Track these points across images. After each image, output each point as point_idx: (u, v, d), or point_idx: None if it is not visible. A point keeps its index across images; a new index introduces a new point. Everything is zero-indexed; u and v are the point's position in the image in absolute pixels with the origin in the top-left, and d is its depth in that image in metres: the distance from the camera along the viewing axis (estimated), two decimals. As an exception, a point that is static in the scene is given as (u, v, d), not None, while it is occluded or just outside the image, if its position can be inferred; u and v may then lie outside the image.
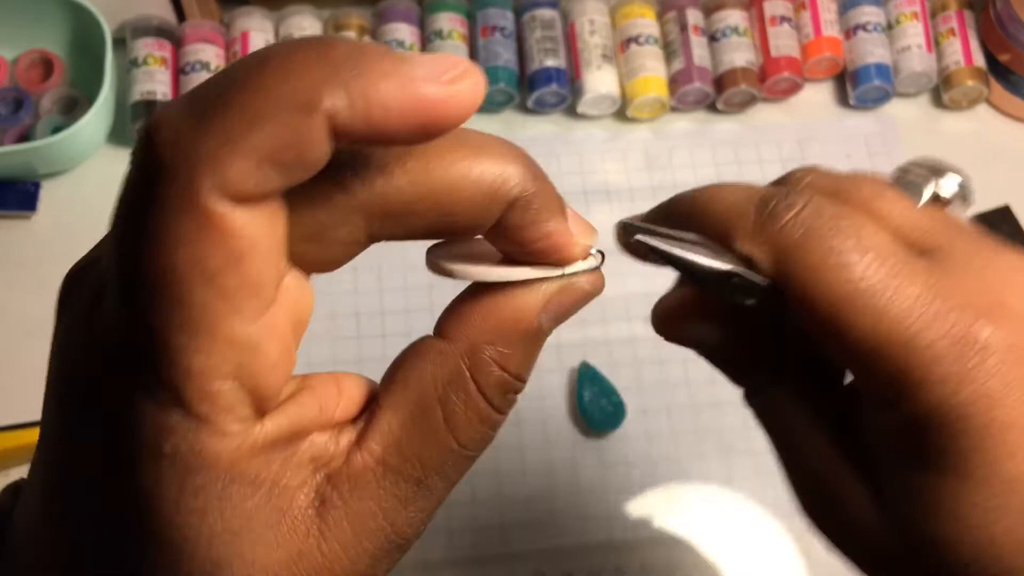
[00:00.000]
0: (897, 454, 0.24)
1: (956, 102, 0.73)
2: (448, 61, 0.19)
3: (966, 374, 0.22)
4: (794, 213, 0.24)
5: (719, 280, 0.25)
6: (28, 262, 0.65)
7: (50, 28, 0.68)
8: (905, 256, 0.24)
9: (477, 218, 0.21)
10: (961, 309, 0.23)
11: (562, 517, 0.59)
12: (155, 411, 0.19)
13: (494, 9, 0.70)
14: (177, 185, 0.18)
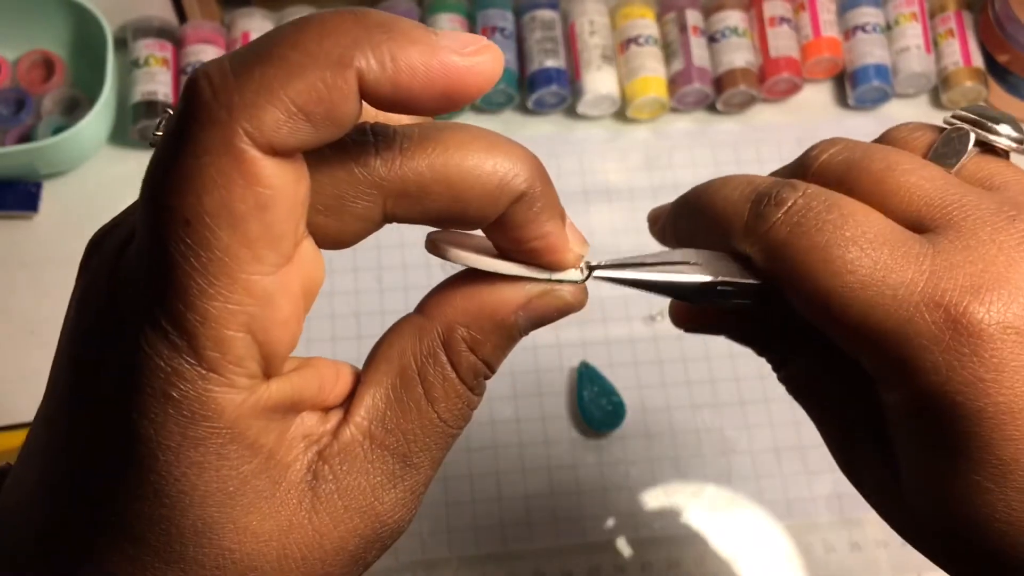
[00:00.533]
0: (906, 435, 0.24)
1: (955, 103, 0.73)
2: (470, 37, 0.20)
3: (957, 360, 0.22)
4: (783, 211, 0.24)
5: (702, 292, 0.25)
6: (29, 262, 0.65)
7: (51, 29, 0.68)
8: (898, 240, 0.23)
9: (485, 208, 0.22)
10: (955, 290, 0.22)
11: (562, 516, 0.59)
12: (168, 354, 0.19)
13: (494, 10, 0.71)
14: (215, 127, 0.19)
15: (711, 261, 0.26)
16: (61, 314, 0.24)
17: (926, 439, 0.24)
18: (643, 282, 0.25)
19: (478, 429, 0.61)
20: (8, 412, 0.58)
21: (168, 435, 0.20)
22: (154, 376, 0.19)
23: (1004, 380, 0.22)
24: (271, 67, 0.19)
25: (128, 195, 0.74)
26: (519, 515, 0.59)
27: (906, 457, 0.25)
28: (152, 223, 0.19)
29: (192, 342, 0.19)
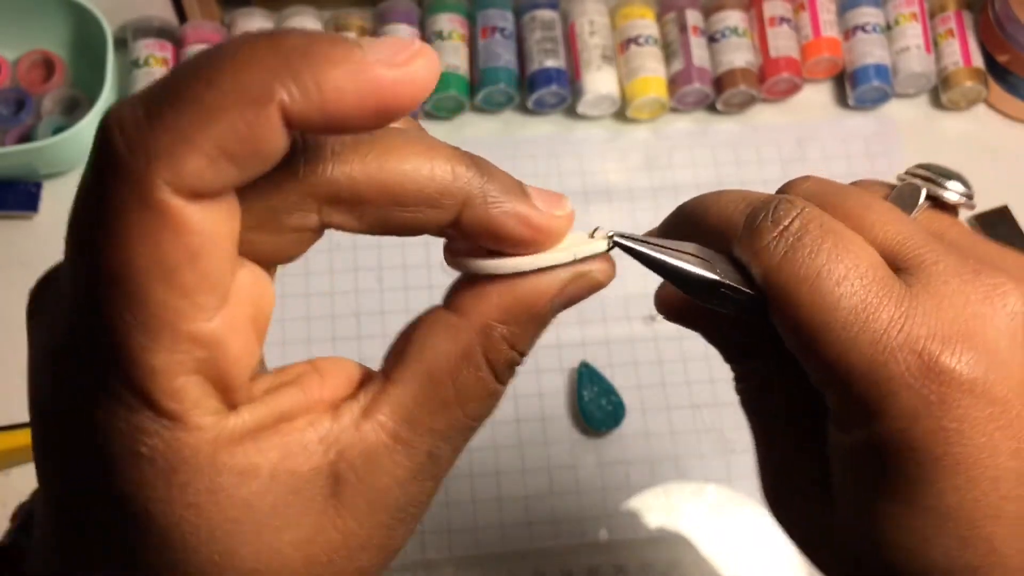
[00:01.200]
0: (850, 470, 0.25)
1: (955, 103, 0.73)
2: (400, 43, 0.19)
3: (925, 408, 0.22)
4: (780, 230, 0.24)
5: (707, 288, 0.25)
6: (30, 262, 0.65)
7: (51, 29, 0.68)
8: (883, 279, 0.23)
9: (430, 214, 0.21)
10: (929, 338, 0.22)
11: (562, 516, 0.59)
12: (126, 414, 0.19)
13: (494, 10, 0.71)
14: (132, 182, 0.18)
15: (717, 260, 0.26)
16: (61, 314, 0.24)
17: (874, 480, 0.24)
18: (658, 262, 0.25)
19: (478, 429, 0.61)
20: (8, 412, 0.58)
21: (152, 489, 0.20)
22: (120, 438, 0.19)
23: (965, 431, 0.22)
24: (186, 110, 0.18)
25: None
26: (519, 515, 0.59)
27: (848, 495, 0.25)
28: (82, 285, 0.19)
29: (146, 398, 0.19)
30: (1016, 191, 0.69)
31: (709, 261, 0.25)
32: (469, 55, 0.70)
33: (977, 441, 0.22)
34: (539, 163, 0.69)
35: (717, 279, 0.25)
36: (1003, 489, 0.22)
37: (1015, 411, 0.22)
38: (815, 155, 0.71)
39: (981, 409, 0.22)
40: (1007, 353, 0.23)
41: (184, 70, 0.18)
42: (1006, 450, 0.22)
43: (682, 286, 0.25)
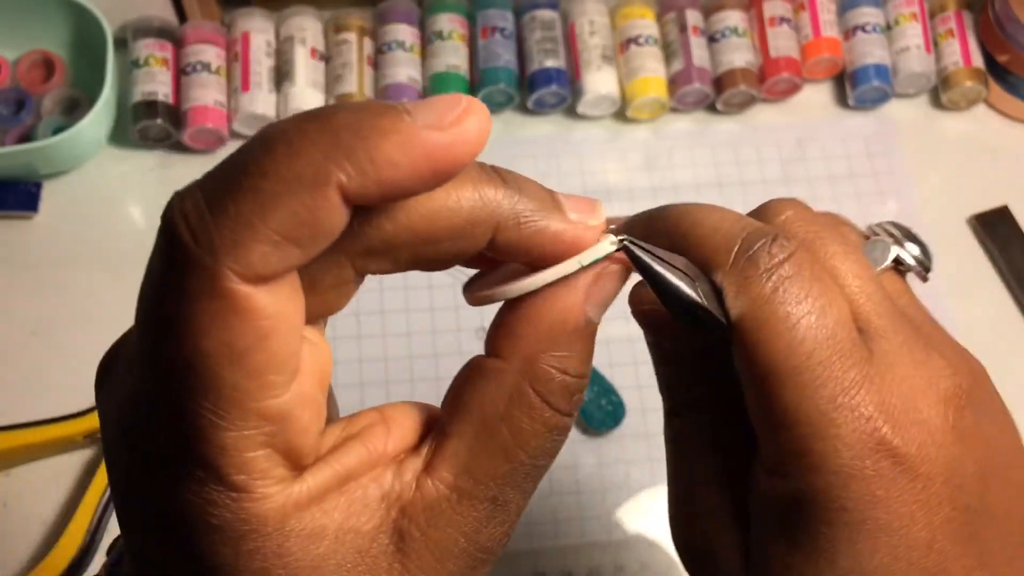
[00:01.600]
0: (772, 522, 0.25)
1: (955, 103, 0.73)
2: (447, 103, 0.19)
3: (859, 472, 0.23)
4: (774, 264, 0.24)
5: (685, 307, 0.25)
6: (30, 262, 0.65)
7: (51, 29, 0.68)
8: (854, 340, 0.24)
9: (463, 244, 0.22)
10: (876, 407, 0.23)
11: (562, 516, 0.59)
12: (197, 488, 0.20)
13: (494, 10, 0.71)
14: (201, 273, 0.18)
15: (699, 280, 0.25)
16: (61, 314, 0.24)
17: (795, 533, 0.24)
18: (654, 273, 0.25)
19: (478, 429, 0.61)
20: (9, 412, 0.59)
21: (222, 556, 0.20)
22: (191, 509, 0.20)
23: (891, 500, 0.23)
24: (246, 201, 0.18)
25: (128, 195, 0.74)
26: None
27: (765, 543, 0.25)
28: (154, 368, 0.20)
29: (215, 473, 0.20)
30: (1016, 191, 0.69)
31: (694, 280, 0.25)
32: (469, 55, 0.70)
33: (899, 511, 0.23)
34: (539, 163, 0.69)
35: (698, 301, 0.25)
36: (913, 556, 0.24)
37: (934, 489, 0.24)
38: (815, 155, 0.71)
39: (907, 483, 0.23)
40: (939, 435, 0.24)
41: (240, 159, 0.19)
42: (921, 521, 0.23)
43: (662, 297, 0.25)
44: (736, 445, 0.27)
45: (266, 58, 0.69)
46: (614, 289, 0.25)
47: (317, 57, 0.69)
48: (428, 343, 0.63)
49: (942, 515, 0.24)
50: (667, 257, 0.25)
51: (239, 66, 0.68)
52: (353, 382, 0.62)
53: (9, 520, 0.58)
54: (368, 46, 0.70)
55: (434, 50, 0.70)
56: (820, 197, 0.69)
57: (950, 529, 0.24)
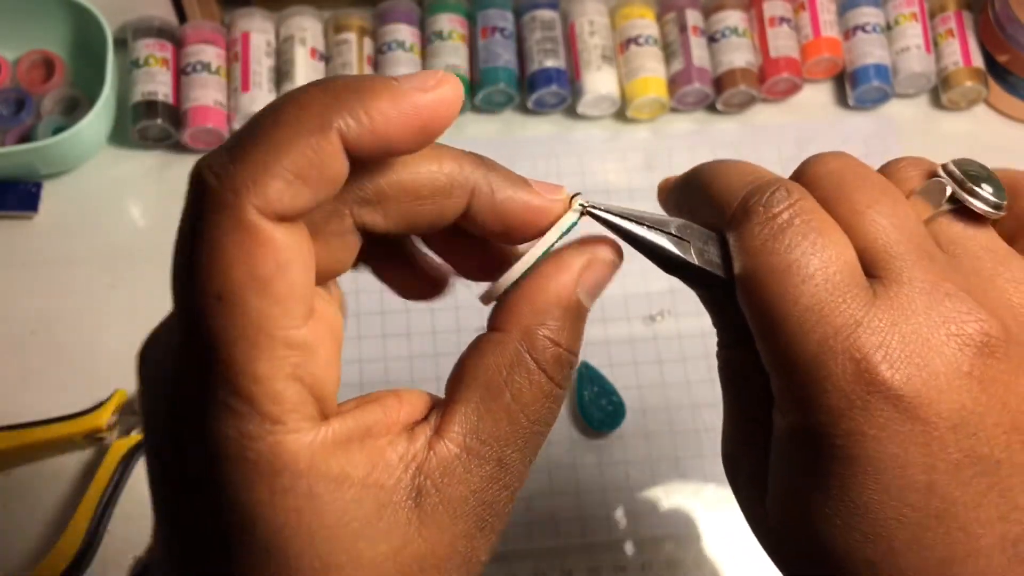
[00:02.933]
0: (782, 453, 0.26)
1: (955, 103, 0.73)
2: (427, 73, 0.23)
3: (850, 410, 0.24)
4: (770, 215, 0.25)
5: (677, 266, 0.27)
6: (30, 262, 0.65)
7: (51, 29, 0.68)
8: (849, 284, 0.25)
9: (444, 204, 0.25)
10: (873, 349, 0.24)
11: (562, 516, 0.60)
12: (235, 421, 0.22)
13: (494, 10, 0.71)
14: (227, 209, 0.21)
15: (699, 238, 0.27)
16: (61, 314, 0.25)
17: (798, 466, 0.26)
18: (629, 233, 0.26)
19: (478, 429, 0.61)
20: (9, 412, 0.59)
21: (258, 492, 0.22)
22: (229, 447, 0.22)
23: (882, 439, 0.24)
24: (263, 146, 0.21)
25: (128, 195, 0.74)
26: (519, 515, 0.59)
27: (776, 476, 0.27)
28: (188, 307, 0.22)
29: (252, 404, 0.21)
30: (1016, 191, 0.69)
31: (687, 240, 0.26)
32: (469, 55, 0.70)
33: (891, 451, 0.24)
34: (539, 163, 0.69)
35: (682, 258, 0.26)
36: (909, 498, 0.24)
37: (936, 434, 0.24)
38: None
39: (902, 424, 0.24)
40: (944, 380, 0.24)
41: (256, 118, 0.22)
42: (919, 464, 0.24)
43: (656, 259, 0.27)
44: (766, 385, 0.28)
45: (266, 58, 0.69)
46: (604, 276, 0.27)
47: (317, 57, 0.69)
48: (428, 343, 0.63)
49: (948, 461, 0.24)
50: (657, 223, 0.27)
51: (239, 66, 0.68)
52: (353, 382, 0.62)
53: (9, 520, 0.58)
54: (368, 46, 0.70)
55: (434, 50, 0.70)
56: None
57: (959, 477, 0.24)
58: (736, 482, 0.30)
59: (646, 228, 0.26)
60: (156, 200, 0.67)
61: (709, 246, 0.27)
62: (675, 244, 0.26)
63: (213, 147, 0.75)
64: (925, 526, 0.24)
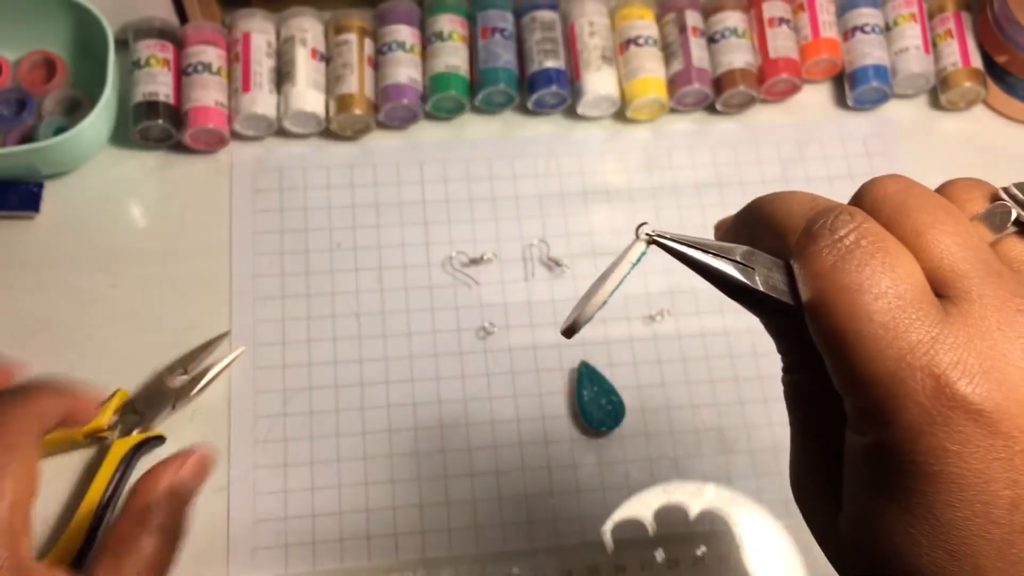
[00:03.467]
0: (859, 471, 0.26)
1: (954, 103, 0.73)
2: None
3: (930, 426, 0.24)
4: (834, 239, 0.26)
5: (742, 293, 0.27)
6: (31, 262, 0.65)
7: (52, 29, 0.68)
8: (921, 301, 0.25)
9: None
10: (951, 366, 0.24)
11: (561, 516, 0.60)
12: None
13: (494, 11, 0.71)
14: None
15: (764, 265, 0.27)
16: (62, 314, 0.24)
17: (878, 483, 0.25)
18: (696, 261, 0.27)
19: (478, 429, 0.61)
20: (9, 412, 0.59)
21: None
22: None
23: (964, 455, 0.24)
24: None
25: (129, 195, 0.75)
26: (518, 514, 0.60)
27: (854, 494, 0.27)
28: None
29: None
30: (1015, 191, 0.70)
31: (752, 267, 0.27)
32: (469, 55, 0.70)
33: (974, 467, 0.24)
34: (539, 163, 0.70)
35: (748, 285, 0.26)
36: (994, 515, 0.24)
37: (1019, 448, 0.24)
38: (814, 155, 0.71)
39: (984, 439, 0.24)
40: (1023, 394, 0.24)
41: None
42: (1002, 479, 0.24)
43: (721, 287, 0.27)
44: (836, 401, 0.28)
45: (267, 58, 0.69)
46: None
47: (318, 57, 0.70)
48: (428, 343, 0.63)
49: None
50: (716, 249, 0.27)
51: (240, 67, 0.68)
52: (353, 382, 0.62)
53: (10, 519, 0.58)
54: (368, 46, 0.70)
55: (434, 50, 0.70)
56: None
57: None
58: (805, 502, 0.30)
59: (712, 256, 0.27)
60: (157, 200, 0.67)
61: (774, 273, 0.27)
62: (741, 271, 0.27)
63: (213, 147, 0.75)
64: (1010, 542, 0.24)
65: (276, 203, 0.68)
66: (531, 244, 0.67)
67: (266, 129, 0.69)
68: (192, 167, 0.69)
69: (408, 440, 0.61)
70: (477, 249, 0.66)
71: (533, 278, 0.66)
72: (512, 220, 0.67)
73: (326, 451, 0.61)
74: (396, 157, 0.70)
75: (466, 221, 0.67)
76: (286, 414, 0.61)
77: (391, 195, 0.68)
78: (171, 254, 0.65)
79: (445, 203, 0.68)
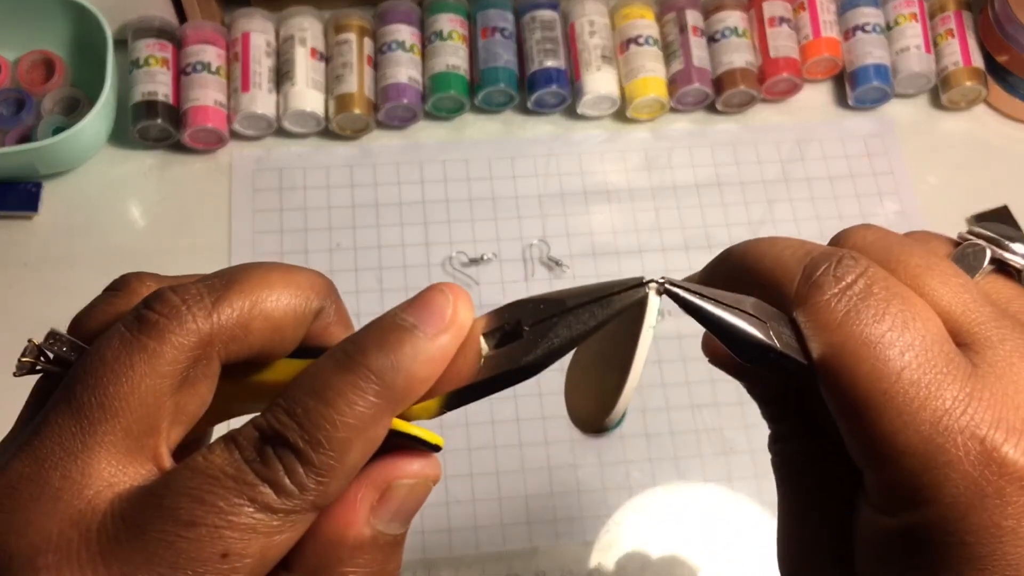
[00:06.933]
0: (883, 556, 0.23)
1: (954, 103, 0.73)
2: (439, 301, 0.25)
3: (980, 500, 0.21)
4: (842, 287, 0.23)
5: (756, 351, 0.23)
6: (30, 262, 0.65)
7: (52, 29, 0.68)
8: (949, 353, 0.22)
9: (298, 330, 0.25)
10: (991, 426, 0.21)
11: (562, 516, 0.60)
12: None
13: (494, 10, 0.71)
14: None
15: (773, 319, 0.24)
16: (62, 314, 0.24)
17: (910, 572, 0.22)
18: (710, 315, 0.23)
19: (478, 429, 0.61)
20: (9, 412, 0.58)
21: None
22: None
23: (1021, 531, 0.21)
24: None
25: (128, 195, 0.74)
26: (519, 514, 0.59)
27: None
28: None
29: None
30: (1016, 191, 0.69)
31: (764, 321, 0.23)
32: (469, 55, 0.70)
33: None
34: (539, 163, 0.69)
35: (770, 344, 0.23)
36: None
37: None
38: (815, 155, 0.71)
39: None
40: None
41: None
42: None
43: (730, 344, 0.24)
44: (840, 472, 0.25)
45: (266, 58, 0.69)
46: (412, 498, 0.24)
47: (317, 57, 0.69)
48: (428, 343, 0.63)
49: None
50: (729, 299, 0.24)
51: (239, 66, 0.68)
52: (353, 382, 0.62)
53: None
54: (368, 46, 0.70)
55: (434, 50, 0.70)
56: (820, 197, 0.69)
57: None
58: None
59: (726, 309, 0.23)
60: (156, 200, 0.67)
61: (784, 328, 0.23)
62: (758, 328, 0.23)
63: (212, 147, 0.75)
64: None
65: (276, 203, 0.67)
66: (531, 244, 0.67)
67: (265, 129, 0.69)
68: (191, 167, 0.69)
69: (408, 440, 0.61)
70: (477, 249, 0.66)
71: (533, 278, 0.66)
72: (512, 220, 0.67)
73: (326, 451, 0.60)
74: (396, 157, 0.70)
75: (466, 221, 0.67)
76: (285, 414, 0.61)
77: (391, 195, 0.68)
78: (170, 254, 0.65)
79: (445, 203, 0.68)
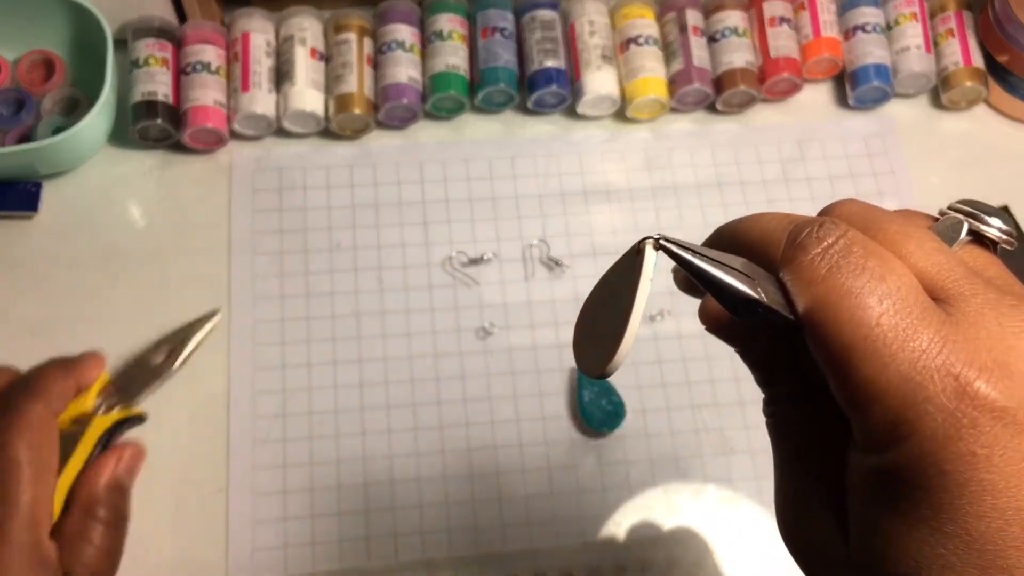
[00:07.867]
0: (872, 495, 0.25)
1: (955, 103, 0.73)
2: None
3: (956, 431, 0.23)
4: (824, 247, 0.25)
5: (746, 306, 0.25)
6: (30, 262, 0.65)
7: (51, 29, 0.68)
8: (923, 303, 0.24)
9: None
10: (965, 364, 0.23)
11: (562, 516, 0.60)
12: None
13: (494, 10, 0.71)
14: None
15: (762, 279, 0.26)
16: (61, 314, 0.24)
17: (895, 504, 0.24)
18: (702, 272, 0.25)
19: (478, 429, 0.61)
20: (8, 412, 0.58)
21: None
22: None
23: (994, 458, 0.22)
24: None
25: (128, 195, 0.75)
26: (519, 514, 0.59)
27: (865, 520, 0.25)
28: None
29: None
30: (1016, 191, 0.69)
31: (753, 279, 0.25)
32: (469, 55, 0.70)
33: (1005, 470, 0.22)
34: (539, 163, 0.69)
35: (756, 298, 0.25)
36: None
37: None
38: (815, 155, 0.71)
39: (1011, 438, 0.22)
40: None
41: None
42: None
43: (721, 299, 0.26)
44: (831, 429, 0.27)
45: (266, 58, 0.69)
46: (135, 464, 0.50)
47: (317, 57, 0.69)
48: (428, 343, 0.63)
49: None
50: (722, 258, 0.26)
51: (239, 66, 0.68)
52: (353, 382, 0.62)
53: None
54: (368, 46, 0.70)
55: (434, 50, 0.70)
56: (820, 197, 0.69)
57: None
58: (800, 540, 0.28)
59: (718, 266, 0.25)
60: (156, 200, 0.67)
61: (770, 286, 0.26)
62: (747, 284, 0.25)
63: (212, 147, 0.75)
64: None
65: (275, 203, 0.67)
66: (531, 244, 0.67)
67: (265, 129, 0.69)
68: (191, 167, 0.69)
69: (408, 441, 0.61)
70: (477, 249, 0.66)
71: (533, 278, 0.66)
72: (512, 220, 0.67)
73: (325, 452, 0.60)
74: (396, 157, 0.70)
75: (466, 221, 0.67)
76: (285, 414, 0.61)
77: (391, 195, 0.68)
78: (170, 254, 0.65)
79: (445, 203, 0.68)
